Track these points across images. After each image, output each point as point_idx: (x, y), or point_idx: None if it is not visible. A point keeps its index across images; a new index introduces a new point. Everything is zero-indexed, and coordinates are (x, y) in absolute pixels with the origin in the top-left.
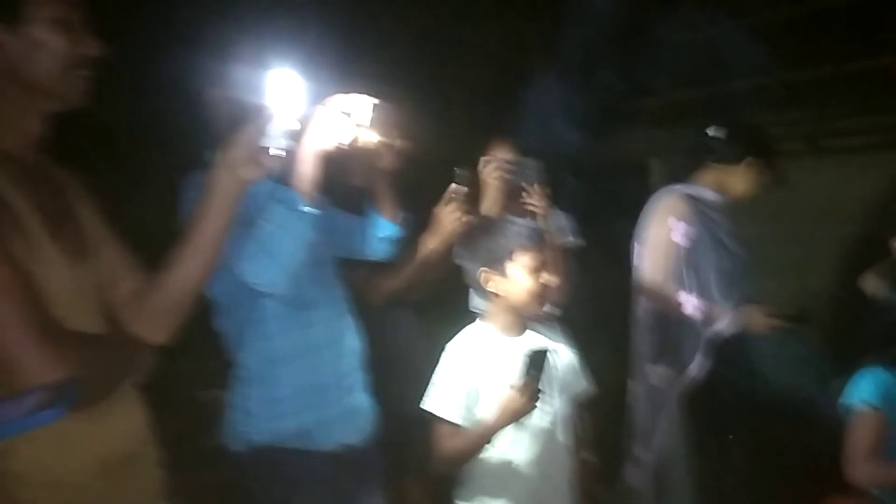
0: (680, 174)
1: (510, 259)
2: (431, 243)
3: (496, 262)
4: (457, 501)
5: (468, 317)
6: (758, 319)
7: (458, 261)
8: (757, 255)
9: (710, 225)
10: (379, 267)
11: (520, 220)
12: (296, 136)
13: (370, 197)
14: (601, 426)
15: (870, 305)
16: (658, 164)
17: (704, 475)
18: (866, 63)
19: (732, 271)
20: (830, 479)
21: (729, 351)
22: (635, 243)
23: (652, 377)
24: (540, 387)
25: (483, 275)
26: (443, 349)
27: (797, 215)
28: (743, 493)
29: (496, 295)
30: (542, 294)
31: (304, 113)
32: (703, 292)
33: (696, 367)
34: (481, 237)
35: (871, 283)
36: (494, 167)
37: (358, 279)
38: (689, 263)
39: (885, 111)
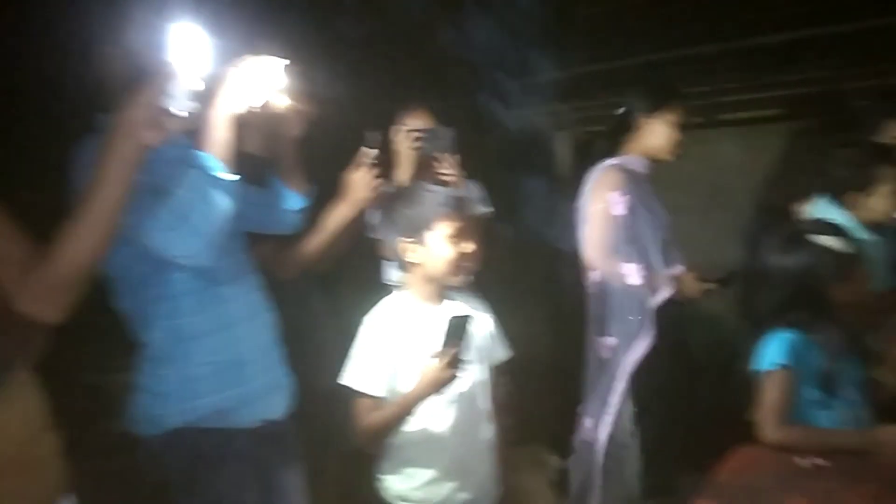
0: (606, 148)
1: (429, 228)
2: (341, 210)
3: (415, 232)
4: (379, 476)
5: (380, 289)
6: (691, 285)
7: (374, 231)
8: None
9: (643, 194)
10: (286, 240)
11: (438, 188)
12: (201, 98)
13: (276, 167)
14: (532, 393)
15: (771, 272)
16: (564, 137)
17: (648, 440)
18: (765, 38)
19: (664, 239)
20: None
21: (668, 317)
22: (577, 220)
23: (601, 349)
24: (462, 355)
25: (402, 245)
26: (355, 322)
27: (700, 187)
28: (682, 454)
29: (415, 265)
30: (461, 263)
31: (211, 73)
32: (643, 261)
33: (642, 335)
34: (399, 206)
35: (772, 250)
36: (407, 135)
37: (264, 253)
38: (628, 234)
39: (783, 85)
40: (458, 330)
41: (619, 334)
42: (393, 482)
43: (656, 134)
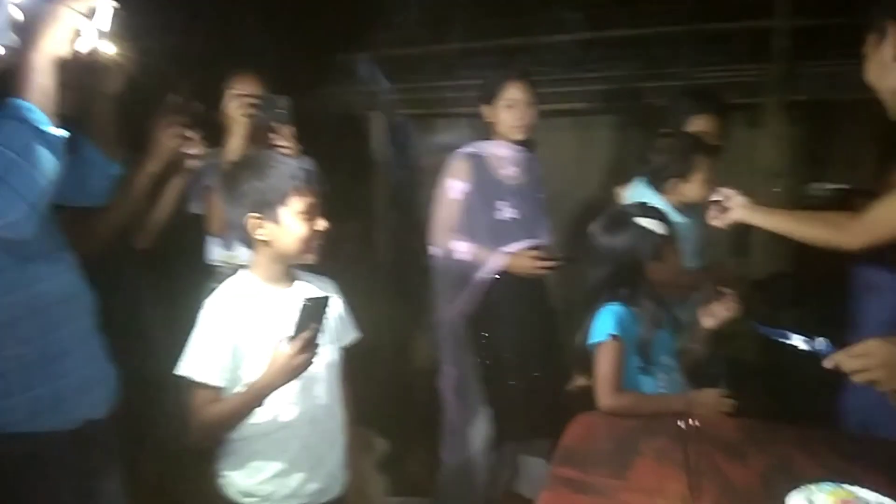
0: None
1: (282, 203)
2: (146, 166)
3: (267, 207)
4: (220, 472)
5: (207, 270)
6: (524, 262)
7: (201, 205)
8: None
9: (491, 178)
10: (92, 211)
11: (290, 160)
12: (20, 32)
13: (88, 128)
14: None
15: (600, 251)
16: (378, 117)
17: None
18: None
19: (519, 218)
20: None
21: (498, 290)
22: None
23: (443, 315)
24: (317, 339)
25: (251, 220)
26: (187, 307)
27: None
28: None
29: (264, 243)
30: (313, 241)
31: (29, 4)
32: (475, 240)
33: (471, 304)
34: (248, 177)
35: (600, 231)
36: (242, 102)
37: (69, 225)
38: (464, 215)
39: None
40: (313, 313)
41: (456, 302)
42: (236, 478)
43: (501, 116)
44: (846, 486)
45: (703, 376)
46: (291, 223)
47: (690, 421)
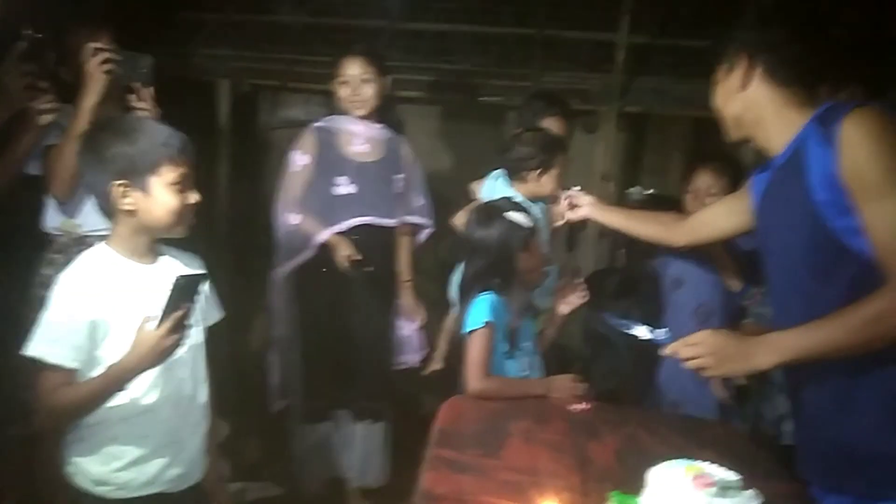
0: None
1: (153, 172)
2: None
3: (135, 175)
4: (70, 459)
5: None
6: (340, 247)
7: (81, 169)
8: None
9: (335, 153)
10: None
11: (163, 127)
12: None
13: None
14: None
15: (472, 244)
16: (225, 84)
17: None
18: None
19: (356, 194)
20: None
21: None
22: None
23: (277, 277)
24: (187, 319)
25: (115, 188)
26: (31, 281)
27: None
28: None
29: (128, 213)
30: (184, 214)
31: None
32: (310, 212)
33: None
34: (115, 142)
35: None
36: (103, 57)
37: None
38: (303, 188)
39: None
40: (186, 291)
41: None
42: (89, 465)
43: (339, 93)
44: (695, 462)
45: (557, 360)
46: (162, 194)
47: (573, 406)
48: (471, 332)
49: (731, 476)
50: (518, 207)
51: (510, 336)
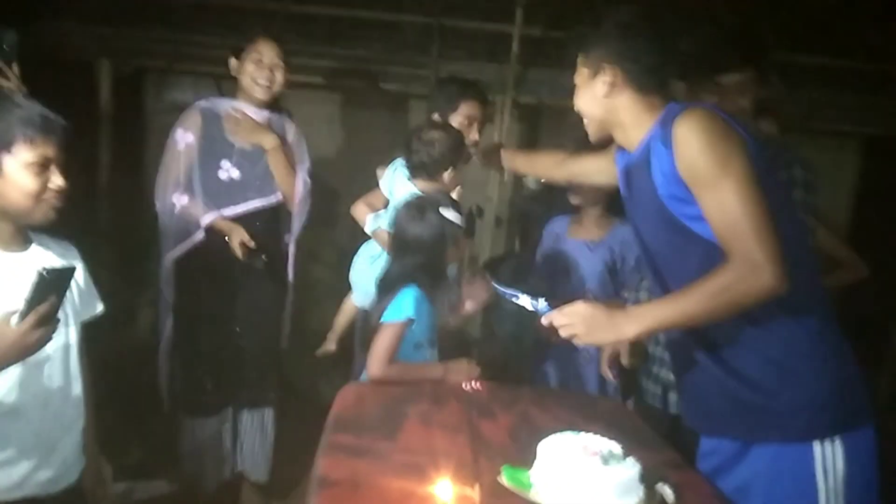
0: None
1: (7, 151)
2: None
3: None
4: None
5: None
6: (233, 233)
7: None
8: None
9: (221, 137)
10: None
11: (27, 104)
12: None
13: None
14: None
15: (403, 239)
16: (106, 64)
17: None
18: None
19: (240, 180)
20: None
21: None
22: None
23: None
24: (58, 314)
25: None
26: None
27: None
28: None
29: None
30: (45, 199)
31: None
32: (195, 195)
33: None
34: None
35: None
36: None
37: None
38: (187, 169)
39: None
40: (53, 284)
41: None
42: None
43: (244, 77)
44: (581, 433)
45: (452, 344)
46: (17, 175)
47: (467, 385)
48: (388, 322)
49: (614, 446)
50: (450, 203)
51: (426, 329)
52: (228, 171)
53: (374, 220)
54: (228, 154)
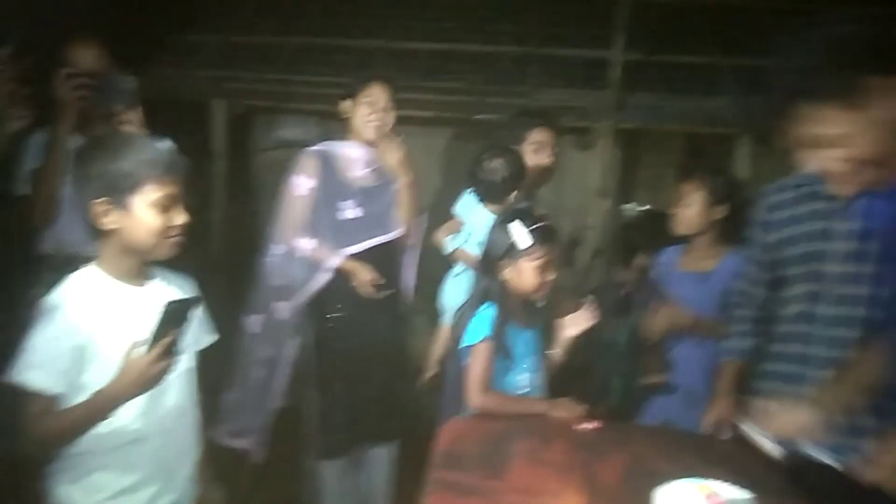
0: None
1: (135, 191)
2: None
3: (116, 193)
4: (57, 488)
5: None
6: (359, 274)
7: (71, 187)
8: None
9: (337, 178)
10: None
11: (154, 145)
12: None
13: None
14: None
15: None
16: (220, 104)
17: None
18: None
19: (363, 216)
20: None
21: (337, 290)
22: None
23: (277, 313)
24: (177, 345)
25: (98, 207)
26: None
27: None
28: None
29: (111, 233)
30: (169, 235)
31: None
32: (318, 237)
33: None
34: (99, 159)
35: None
36: (75, 83)
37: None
38: (310, 213)
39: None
40: (176, 316)
41: (292, 299)
42: (72, 495)
43: (356, 118)
44: (705, 481)
45: (560, 377)
46: (144, 214)
47: (581, 426)
48: (470, 346)
49: (742, 495)
50: (534, 220)
51: (510, 352)
52: (350, 210)
53: (452, 241)
54: (349, 194)
